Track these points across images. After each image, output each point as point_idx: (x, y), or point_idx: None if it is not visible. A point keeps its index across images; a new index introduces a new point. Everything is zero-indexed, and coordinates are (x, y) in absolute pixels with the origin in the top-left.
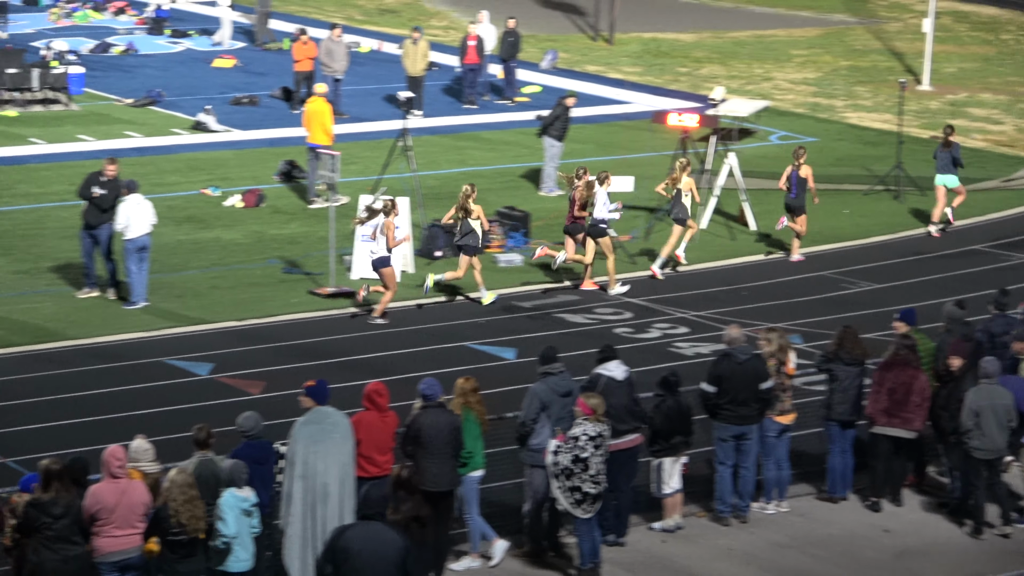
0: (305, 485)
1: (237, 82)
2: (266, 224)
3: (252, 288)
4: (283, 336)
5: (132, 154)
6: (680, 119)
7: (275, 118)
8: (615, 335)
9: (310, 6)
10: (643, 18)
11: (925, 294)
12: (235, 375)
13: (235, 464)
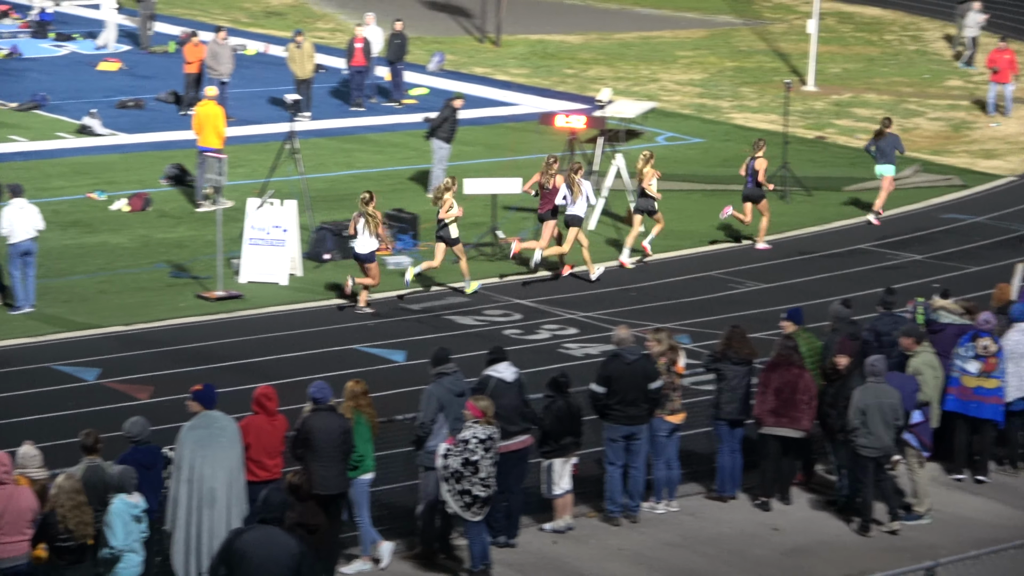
0: (192, 489)
1: (122, 85)
2: (153, 228)
3: (139, 293)
4: (171, 341)
5: (17, 158)
6: (567, 120)
7: (161, 121)
8: (504, 336)
9: (195, 8)
10: (529, 20)
11: (812, 293)
12: (122, 380)
13: (123, 470)
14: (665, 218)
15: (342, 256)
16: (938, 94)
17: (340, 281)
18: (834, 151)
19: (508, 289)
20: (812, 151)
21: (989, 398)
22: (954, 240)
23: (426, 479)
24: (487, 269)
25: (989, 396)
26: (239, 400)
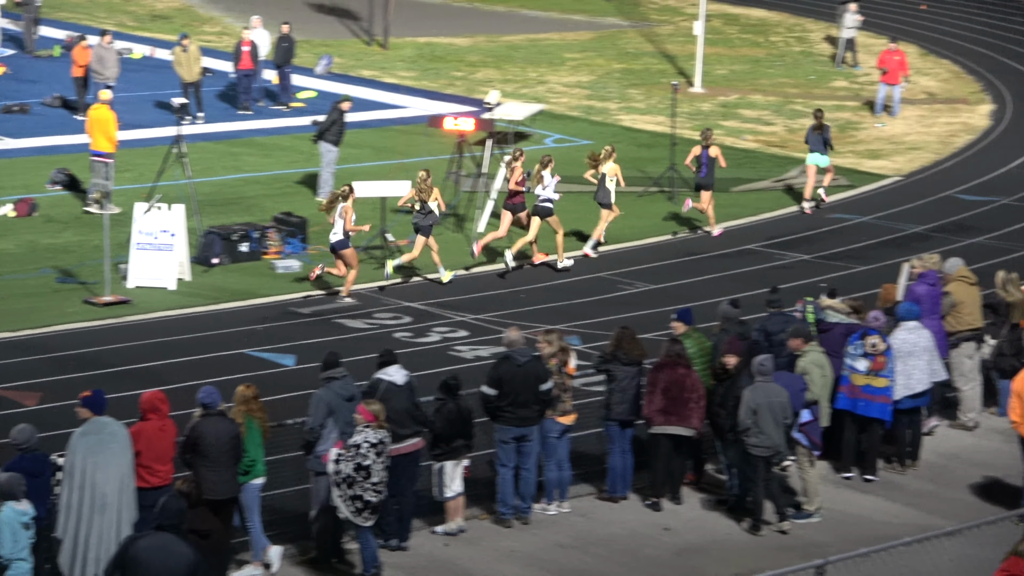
0: (83, 496)
1: (7, 90)
2: (39, 233)
3: (26, 298)
4: (58, 346)
5: None
6: (456, 123)
7: (47, 126)
8: (395, 339)
9: (80, 12)
10: (417, 23)
11: (701, 294)
12: (10, 387)
13: (11, 477)
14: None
15: (231, 260)
16: (824, 95)
17: (228, 285)
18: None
19: (399, 291)
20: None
21: (877, 397)
22: (841, 240)
23: (317, 484)
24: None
25: (877, 395)
26: (129, 405)
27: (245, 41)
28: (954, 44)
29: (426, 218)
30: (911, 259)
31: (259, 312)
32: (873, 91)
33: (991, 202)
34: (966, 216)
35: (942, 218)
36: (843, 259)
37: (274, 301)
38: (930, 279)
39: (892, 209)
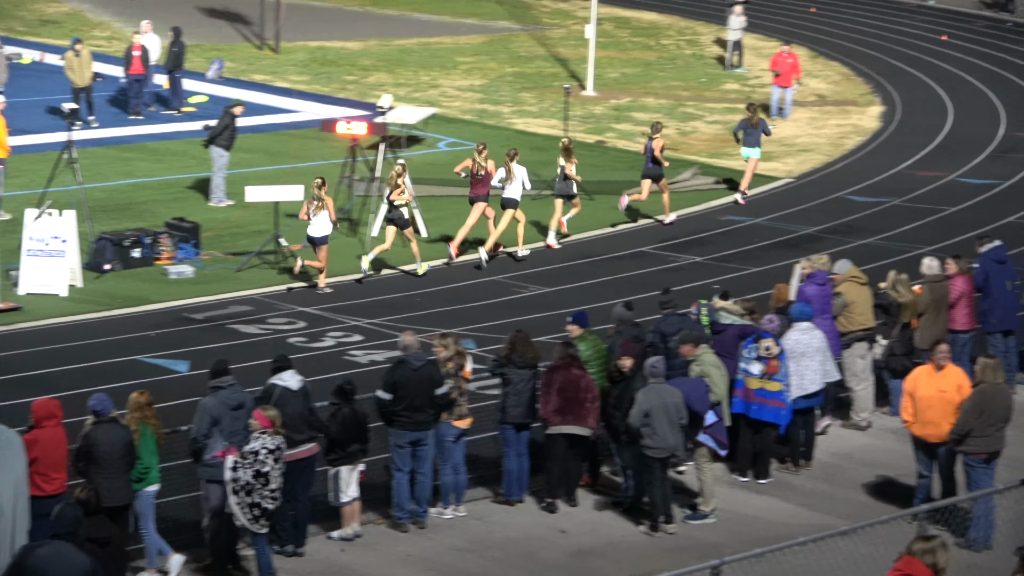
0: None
1: None
2: None
3: None
4: None
5: None
6: (349, 127)
7: None
8: (289, 344)
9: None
10: (309, 27)
11: (596, 296)
12: None
13: None
14: (450, 223)
15: (123, 266)
16: (715, 97)
17: (121, 291)
18: (614, 155)
19: (293, 297)
20: (593, 155)
21: (771, 400)
22: (733, 242)
23: (208, 491)
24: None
25: (771, 399)
26: (21, 413)
27: (136, 46)
28: (843, 46)
29: (398, 211)
30: (800, 261)
31: (151, 318)
32: (764, 94)
33: (881, 203)
34: (857, 217)
35: (833, 219)
36: (736, 261)
37: (167, 307)
38: (819, 279)
39: (784, 211)
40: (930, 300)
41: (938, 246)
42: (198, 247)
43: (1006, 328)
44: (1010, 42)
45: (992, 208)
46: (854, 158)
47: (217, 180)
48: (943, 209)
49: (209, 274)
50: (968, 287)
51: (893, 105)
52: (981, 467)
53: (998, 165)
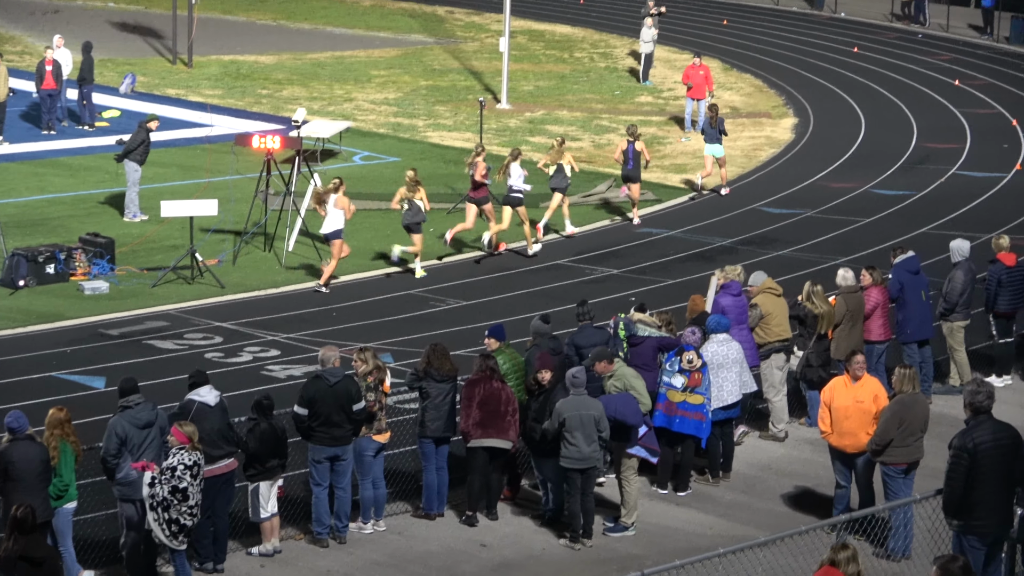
0: None
1: None
2: None
3: None
4: None
5: None
6: (263, 141)
7: None
8: (206, 360)
9: None
10: (222, 41)
11: (513, 309)
12: None
13: None
14: (363, 237)
15: (37, 282)
16: (629, 110)
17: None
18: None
19: (209, 312)
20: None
21: (692, 413)
22: (649, 254)
23: (123, 509)
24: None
25: (692, 412)
26: None
27: (48, 60)
28: (756, 59)
29: (416, 215)
30: (715, 272)
31: (67, 335)
32: (678, 106)
33: (796, 215)
34: (772, 229)
35: (748, 231)
36: (652, 273)
37: (82, 323)
38: (734, 290)
39: (699, 223)
40: (846, 311)
41: (852, 257)
42: (113, 262)
43: (921, 338)
44: (921, 53)
45: (905, 219)
46: (768, 170)
47: (131, 195)
48: (857, 220)
49: (124, 289)
50: (883, 298)
51: (806, 117)
52: (900, 477)
53: (910, 176)
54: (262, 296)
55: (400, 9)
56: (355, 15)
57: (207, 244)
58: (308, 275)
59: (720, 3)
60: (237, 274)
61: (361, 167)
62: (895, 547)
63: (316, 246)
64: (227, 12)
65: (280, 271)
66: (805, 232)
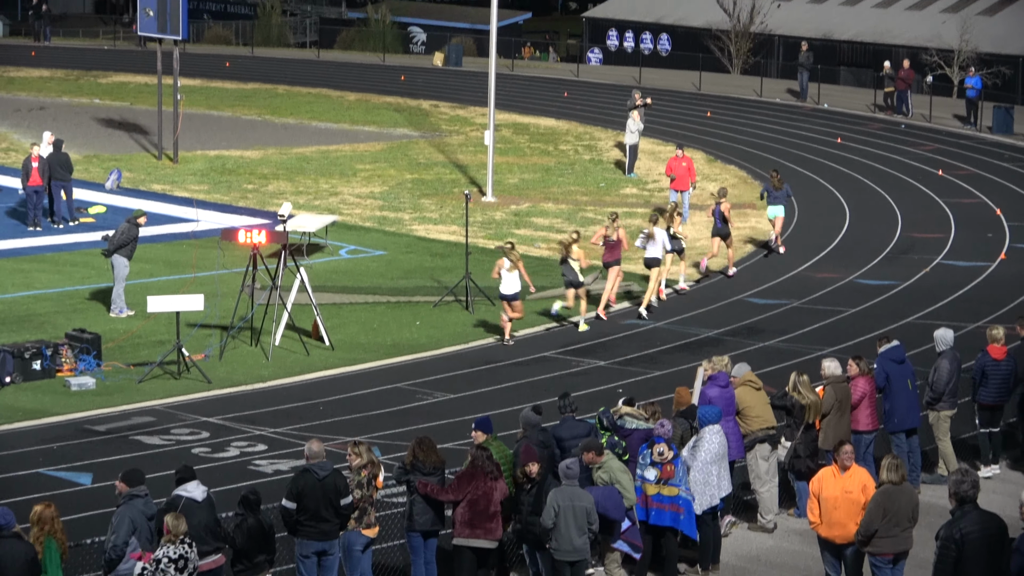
0: None
1: None
2: None
3: None
4: None
5: None
6: (249, 236)
7: None
8: (193, 455)
9: None
10: (207, 136)
11: (500, 402)
12: None
13: None
14: (351, 330)
15: (23, 378)
16: (614, 202)
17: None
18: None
19: (196, 407)
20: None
21: (668, 505)
22: (635, 345)
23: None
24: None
25: (668, 503)
26: None
27: (34, 156)
28: (740, 150)
29: (572, 273)
30: (702, 363)
31: (53, 431)
32: (662, 197)
33: (781, 305)
34: (757, 319)
35: (734, 322)
36: (638, 364)
37: (69, 419)
38: (721, 381)
39: (685, 314)
40: (835, 401)
41: (838, 347)
42: (99, 358)
43: (909, 427)
44: (904, 144)
45: (890, 309)
46: (753, 260)
47: (118, 290)
48: (842, 310)
49: (111, 385)
50: (870, 387)
51: (791, 207)
52: (888, 567)
53: (895, 266)
54: (248, 391)
55: (385, 103)
56: (340, 110)
57: (193, 339)
58: (292, 370)
59: (704, 95)
60: (223, 369)
61: (347, 261)
62: None
63: (303, 340)
64: (212, 108)
65: (267, 365)
66: (791, 322)
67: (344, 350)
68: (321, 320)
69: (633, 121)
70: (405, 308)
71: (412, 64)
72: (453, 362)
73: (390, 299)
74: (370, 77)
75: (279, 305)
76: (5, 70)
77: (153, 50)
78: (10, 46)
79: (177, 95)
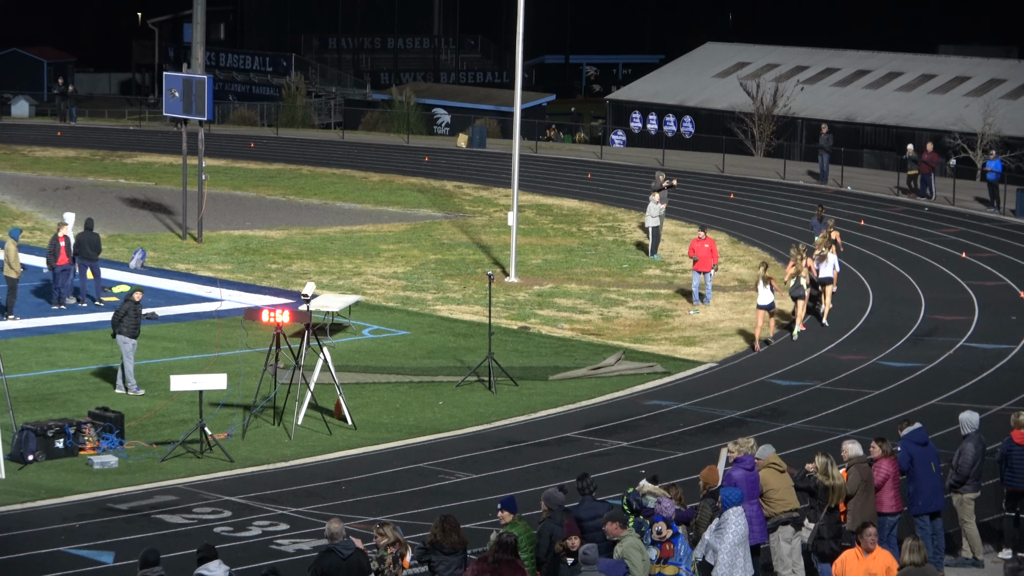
0: None
1: None
2: None
3: None
4: None
5: None
6: (272, 315)
7: None
8: (215, 534)
9: None
10: (231, 216)
11: (523, 482)
12: None
13: None
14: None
15: (46, 456)
16: (637, 283)
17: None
18: (538, 340)
19: (218, 486)
20: (516, 341)
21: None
22: (658, 426)
23: None
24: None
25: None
26: None
27: (60, 236)
28: (763, 232)
29: (798, 290)
30: (726, 445)
31: (75, 509)
32: (685, 279)
33: (805, 387)
34: (781, 401)
35: (757, 403)
36: (661, 445)
37: (91, 497)
38: (747, 464)
39: (708, 395)
40: (859, 482)
41: (860, 429)
42: (122, 437)
43: (933, 510)
44: (928, 226)
45: (914, 391)
46: (777, 342)
47: (128, 367)
48: (865, 393)
49: (133, 464)
50: (894, 469)
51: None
52: None
53: (919, 348)
54: (271, 470)
55: (408, 184)
56: (364, 190)
57: (216, 418)
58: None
59: (727, 177)
60: (246, 448)
61: (370, 340)
62: None
63: (325, 419)
64: (237, 188)
65: (289, 445)
66: (814, 404)
67: (367, 430)
68: (344, 400)
69: (654, 204)
70: (428, 388)
71: (436, 145)
72: (475, 442)
73: (413, 379)
74: (394, 158)
75: (302, 384)
76: (31, 150)
77: (178, 130)
78: (36, 126)
79: (202, 175)
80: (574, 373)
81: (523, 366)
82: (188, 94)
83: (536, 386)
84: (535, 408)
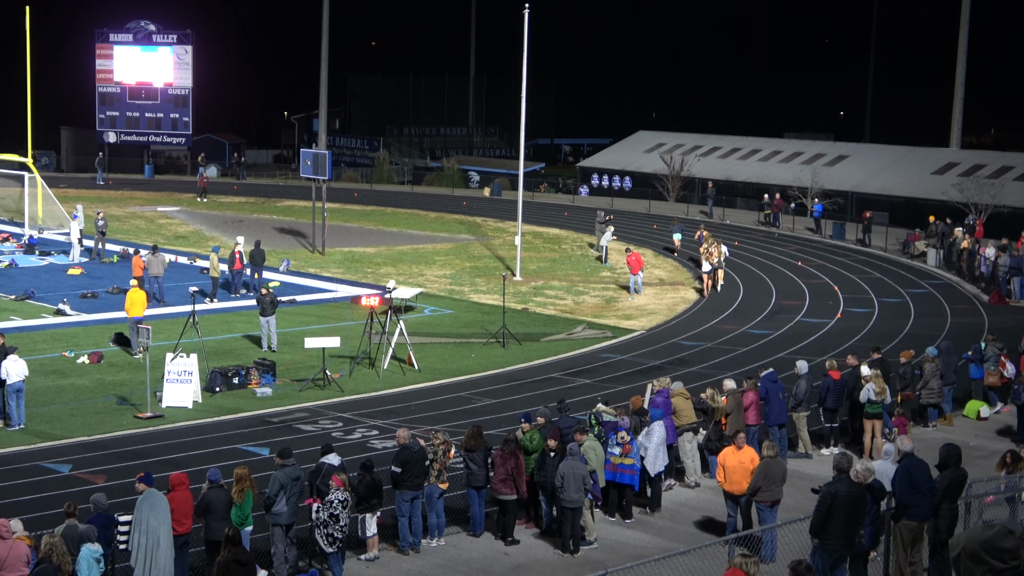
0: (147, 538)
1: (83, 283)
2: (104, 373)
3: (96, 415)
4: (118, 445)
5: (14, 331)
6: (368, 301)
7: (108, 306)
8: (332, 437)
9: (130, 234)
10: (343, 239)
11: (524, 405)
12: (86, 471)
13: (88, 528)
14: (431, 360)
15: (227, 389)
16: (596, 281)
17: (226, 404)
18: (534, 317)
19: (334, 407)
20: (520, 316)
21: (628, 470)
22: (609, 370)
23: (273, 532)
24: (321, 394)
25: (628, 469)
26: (163, 482)
27: (237, 251)
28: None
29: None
30: (651, 381)
31: (245, 421)
32: (626, 278)
33: (699, 346)
34: (686, 354)
35: (671, 356)
36: (611, 382)
37: (255, 414)
38: (664, 394)
39: (640, 350)
40: (734, 405)
41: (735, 371)
42: (274, 376)
43: (780, 423)
44: (777, 245)
45: (769, 349)
46: (683, 317)
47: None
48: (737, 349)
49: (281, 394)
50: (756, 397)
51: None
52: (767, 510)
53: (772, 322)
54: (367, 397)
55: (454, 219)
56: (425, 223)
57: (333, 364)
58: (394, 383)
59: (651, 215)
60: (352, 384)
61: (429, 316)
62: (765, 554)
63: (401, 366)
64: (346, 221)
65: (378, 381)
66: (706, 356)
67: (427, 372)
68: (412, 353)
69: (607, 232)
70: (464, 346)
71: (470, 195)
72: (494, 380)
73: (456, 340)
74: (444, 203)
75: (386, 344)
76: (217, 198)
77: (310, 186)
78: (221, 183)
79: (324, 213)
80: (557, 337)
81: (524, 332)
82: (316, 163)
83: (533, 345)
84: (532, 358)
